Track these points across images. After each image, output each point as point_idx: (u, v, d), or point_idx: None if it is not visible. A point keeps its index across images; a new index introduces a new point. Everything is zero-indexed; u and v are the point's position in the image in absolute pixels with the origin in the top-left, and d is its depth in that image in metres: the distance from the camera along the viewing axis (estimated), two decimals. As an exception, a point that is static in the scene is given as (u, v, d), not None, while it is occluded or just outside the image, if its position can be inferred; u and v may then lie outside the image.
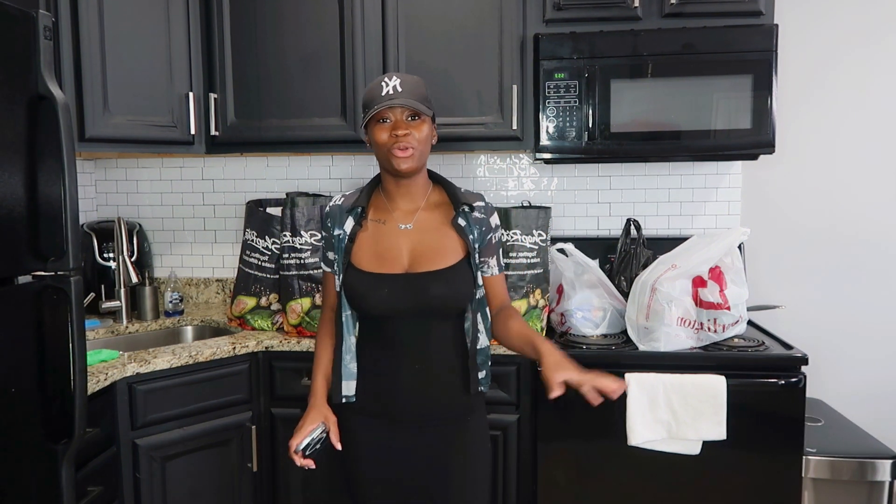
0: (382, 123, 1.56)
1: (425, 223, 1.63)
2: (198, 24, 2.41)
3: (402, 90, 1.54)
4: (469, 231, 1.62)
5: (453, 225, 1.62)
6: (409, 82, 1.57)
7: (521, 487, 2.17)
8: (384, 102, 1.53)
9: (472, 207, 1.64)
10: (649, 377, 1.99)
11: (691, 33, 2.23)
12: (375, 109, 1.53)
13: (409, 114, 1.56)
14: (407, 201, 1.64)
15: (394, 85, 1.55)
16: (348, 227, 1.63)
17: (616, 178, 2.68)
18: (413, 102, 1.54)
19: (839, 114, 2.59)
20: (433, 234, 1.62)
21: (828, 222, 2.62)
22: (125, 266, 2.46)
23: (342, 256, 1.62)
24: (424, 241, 1.61)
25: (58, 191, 1.56)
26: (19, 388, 1.52)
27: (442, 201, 1.67)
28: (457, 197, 1.64)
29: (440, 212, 1.65)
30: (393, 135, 1.54)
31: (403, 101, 1.53)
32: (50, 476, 1.61)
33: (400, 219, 1.63)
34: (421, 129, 1.56)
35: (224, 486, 2.17)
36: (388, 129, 1.55)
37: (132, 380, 1.98)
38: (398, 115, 1.56)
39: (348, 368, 1.64)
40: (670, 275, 2.08)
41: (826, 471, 2.15)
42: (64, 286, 1.57)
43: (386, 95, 1.54)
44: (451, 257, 1.60)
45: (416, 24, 2.34)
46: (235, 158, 2.82)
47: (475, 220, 1.64)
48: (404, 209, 1.64)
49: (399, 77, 1.56)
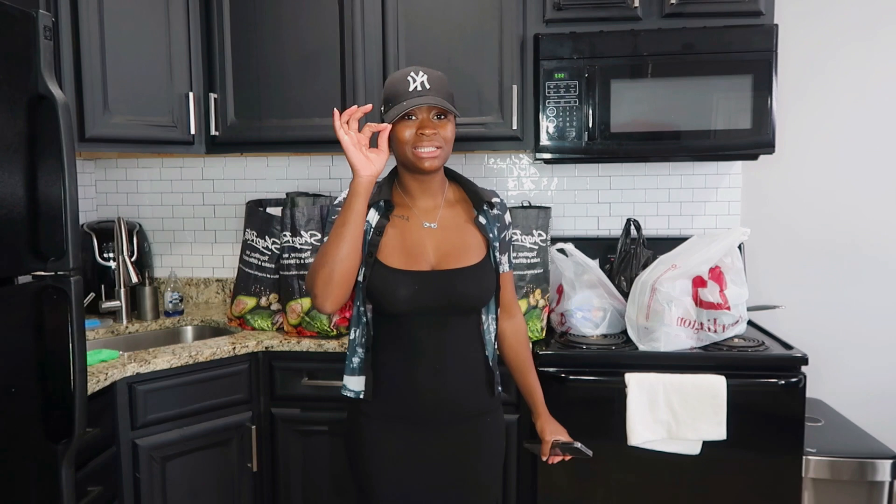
0: (408, 120, 1.51)
1: (448, 221, 1.62)
2: (198, 24, 2.41)
3: (430, 87, 1.50)
4: (490, 229, 1.63)
5: (476, 223, 1.62)
6: (436, 79, 1.52)
7: (521, 487, 2.17)
8: (414, 100, 1.48)
9: (492, 205, 1.65)
10: (649, 377, 1.99)
11: (691, 33, 2.23)
12: (406, 108, 1.47)
13: (437, 112, 1.52)
14: (426, 198, 1.62)
15: (421, 80, 1.49)
16: (373, 219, 1.57)
17: (616, 178, 2.68)
18: (443, 102, 1.50)
19: (839, 114, 2.59)
20: (457, 231, 1.61)
21: (828, 222, 2.62)
22: (125, 266, 2.46)
23: (366, 249, 1.56)
24: (449, 239, 1.60)
25: (58, 191, 1.56)
26: (19, 388, 1.52)
27: (459, 198, 1.66)
28: (478, 195, 1.63)
29: (460, 209, 1.65)
30: (419, 133, 1.50)
31: (434, 100, 1.49)
32: (50, 476, 1.61)
33: (422, 216, 1.61)
34: (447, 128, 1.53)
35: (224, 486, 2.17)
36: (413, 127, 1.51)
37: (132, 380, 1.98)
38: (425, 112, 1.51)
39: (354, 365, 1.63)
40: (670, 275, 2.08)
41: (826, 471, 2.15)
42: (64, 286, 1.57)
43: (414, 91, 1.49)
44: (476, 255, 1.60)
45: (416, 24, 2.34)
46: (235, 158, 2.82)
47: (493, 218, 1.65)
48: (424, 206, 1.62)
49: (426, 73, 1.51)
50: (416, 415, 1.59)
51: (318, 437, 2.21)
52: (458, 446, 1.61)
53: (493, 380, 1.65)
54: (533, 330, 2.20)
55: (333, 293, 1.48)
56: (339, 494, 2.22)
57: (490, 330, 1.64)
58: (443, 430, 1.60)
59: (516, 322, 1.77)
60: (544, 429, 1.74)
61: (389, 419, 1.60)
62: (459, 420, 1.61)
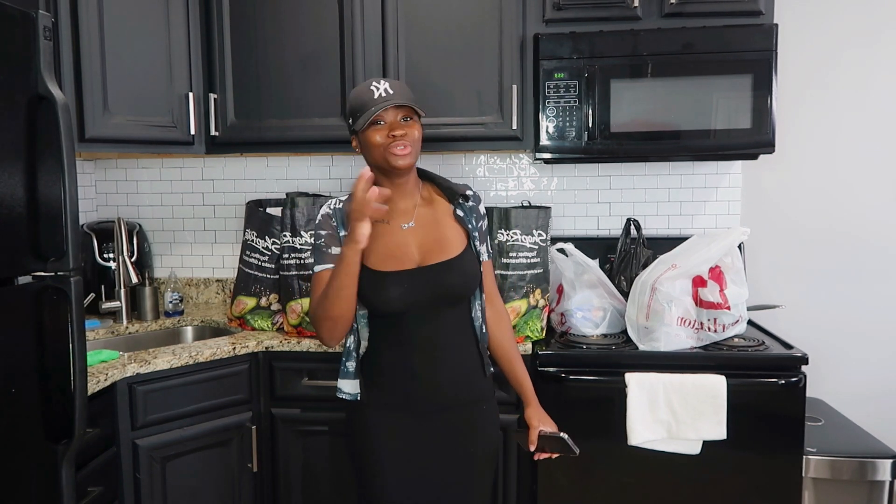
0: (377, 126, 1.60)
1: (426, 218, 1.69)
2: (198, 24, 2.41)
3: (393, 93, 1.59)
4: (468, 220, 1.71)
5: (455, 216, 1.70)
6: (398, 86, 1.62)
7: (521, 487, 2.17)
8: (383, 103, 1.57)
9: (466, 197, 1.73)
10: (649, 377, 1.99)
11: (691, 33, 2.23)
12: (375, 110, 1.57)
13: (404, 115, 1.61)
14: (402, 200, 1.69)
15: (384, 88, 1.59)
16: None
17: (616, 177, 2.68)
18: (411, 103, 1.61)
19: (839, 113, 2.59)
20: (436, 227, 1.69)
21: (828, 222, 2.62)
22: (125, 266, 2.46)
23: None
24: (429, 235, 1.67)
25: (58, 191, 1.56)
26: (19, 388, 1.52)
27: (433, 195, 1.74)
28: (452, 190, 1.72)
29: (436, 205, 1.72)
30: (390, 135, 1.58)
31: (400, 100, 1.59)
32: (50, 476, 1.61)
33: (401, 218, 1.68)
34: (414, 128, 1.62)
35: (224, 486, 2.17)
36: (384, 131, 1.59)
37: (132, 380, 1.98)
38: (392, 116, 1.60)
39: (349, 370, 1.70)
40: (670, 275, 2.08)
41: (826, 470, 2.15)
42: (64, 286, 1.57)
43: (379, 98, 1.58)
44: (457, 247, 1.68)
45: (416, 24, 2.34)
46: (235, 158, 2.82)
47: (469, 209, 1.73)
48: (401, 208, 1.68)
49: (386, 81, 1.62)
50: (414, 404, 1.66)
51: (318, 437, 2.21)
52: (454, 433, 1.68)
53: (483, 362, 1.73)
54: (533, 330, 2.21)
55: (337, 336, 1.62)
56: (339, 494, 2.22)
57: (478, 316, 1.73)
58: (440, 418, 1.67)
59: (497, 310, 1.83)
60: (532, 416, 1.77)
61: (389, 409, 1.66)
62: (456, 407, 1.68)
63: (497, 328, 1.80)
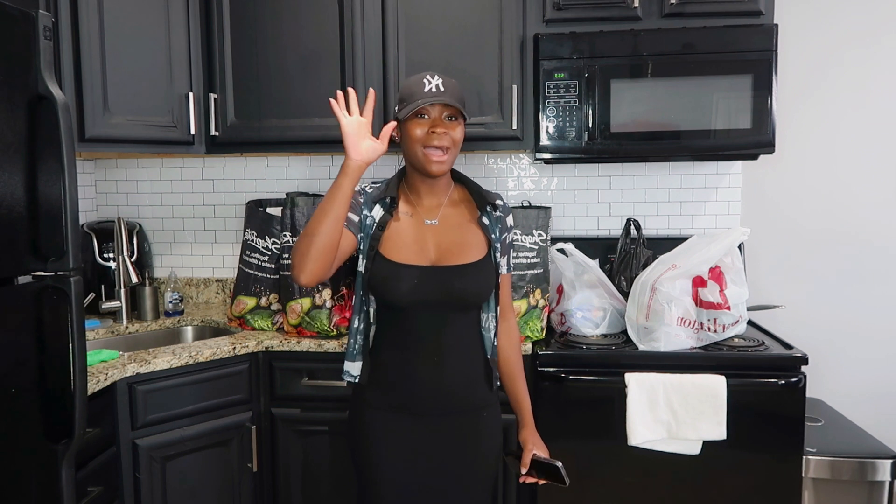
0: (420, 119, 1.59)
1: (450, 219, 1.68)
2: (198, 24, 2.41)
3: (444, 90, 1.58)
4: (492, 229, 1.69)
5: (478, 223, 1.68)
6: (450, 84, 1.60)
7: (522, 487, 2.16)
8: (429, 98, 1.56)
9: (495, 206, 1.70)
10: (649, 377, 1.99)
11: (691, 33, 2.23)
12: (421, 103, 1.56)
13: (449, 114, 1.60)
14: (431, 197, 1.69)
15: (436, 83, 1.58)
16: (377, 214, 1.65)
17: (616, 177, 2.68)
18: (456, 103, 1.59)
19: (839, 114, 2.59)
20: (458, 230, 1.67)
21: (828, 222, 2.62)
22: (125, 266, 2.46)
23: (367, 242, 1.64)
24: (449, 237, 1.66)
25: (58, 191, 1.56)
26: (19, 388, 1.52)
27: (463, 198, 1.72)
28: (482, 196, 1.69)
29: (463, 208, 1.71)
30: (430, 132, 1.57)
31: (447, 99, 1.57)
32: (50, 476, 1.61)
33: (425, 214, 1.67)
34: (457, 129, 1.60)
35: (224, 486, 2.17)
36: (426, 125, 1.58)
37: (132, 380, 1.98)
38: (437, 113, 1.59)
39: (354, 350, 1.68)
40: (670, 275, 2.08)
41: (826, 471, 2.15)
42: (64, 286, 1.57)
43: (429, 92, 1.57)
44: (476, 253, 1.66)
45: (416, 24, 2.34)
46: (235, 158, 2.82)
47: (496, 219, 1.70)
48: (428, 205, 1.68)
49: (441, 77, 1.60)
50: (415, 405, 1.64)
51: (318, 437, 2.21)
52: (456, 438, 1.66)
53: (491, 375, 1.70)
54: (533, 330, 2.21)
55: (308, 266, 1.51)
56: (339, 494, 2.22)
57: (489, 327, 1.69)
58: (441, 422, 1.65)
59: (510, 326, 1.80)
60: (527, 440, 1.76)
61: (391, 409, 1.65)
62: (458, 412, 1.66)
63: (506, 344, 1.78)
